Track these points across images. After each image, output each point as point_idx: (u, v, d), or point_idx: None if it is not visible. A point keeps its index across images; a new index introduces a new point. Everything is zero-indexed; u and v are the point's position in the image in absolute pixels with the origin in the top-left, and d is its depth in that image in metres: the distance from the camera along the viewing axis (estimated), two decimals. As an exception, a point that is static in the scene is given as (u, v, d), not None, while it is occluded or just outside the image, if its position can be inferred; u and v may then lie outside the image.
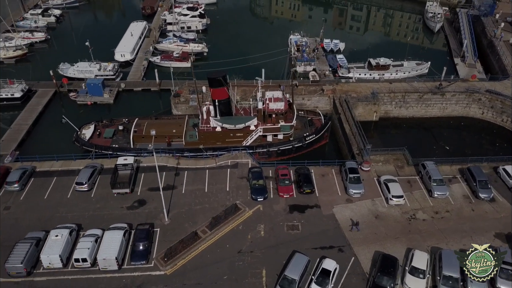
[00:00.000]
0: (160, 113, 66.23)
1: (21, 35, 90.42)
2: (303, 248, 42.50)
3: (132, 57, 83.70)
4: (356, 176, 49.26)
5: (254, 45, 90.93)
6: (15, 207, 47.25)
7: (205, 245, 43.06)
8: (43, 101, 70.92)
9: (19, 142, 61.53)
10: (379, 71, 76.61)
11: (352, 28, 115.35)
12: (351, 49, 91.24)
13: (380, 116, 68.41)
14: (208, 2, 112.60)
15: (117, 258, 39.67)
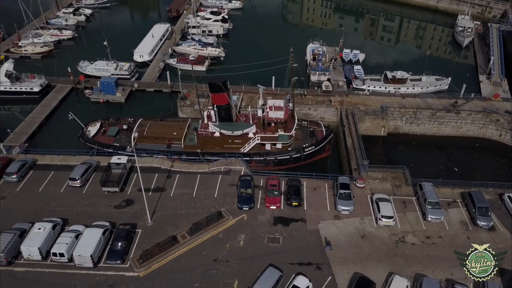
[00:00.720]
0: (166, 115, 66.93)
1: (50, 32, 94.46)
2: (280, 262, 41.49)
3: (150, 58, 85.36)
4: (346, 193, 47.64)
5: (274, 51, 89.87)
6: (10, 198, 49.13)
7: (182, 250, 42.94)
8: (59, 96, 73.60)
9: (30, 135, 64.01)
10: (395, 84, 73.97)
11: (383, 39, 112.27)
12: (372, 61, 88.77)
13: (389, 131, 65.98)
14: (233, 7, 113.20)
15: (92, 255, 40.26)
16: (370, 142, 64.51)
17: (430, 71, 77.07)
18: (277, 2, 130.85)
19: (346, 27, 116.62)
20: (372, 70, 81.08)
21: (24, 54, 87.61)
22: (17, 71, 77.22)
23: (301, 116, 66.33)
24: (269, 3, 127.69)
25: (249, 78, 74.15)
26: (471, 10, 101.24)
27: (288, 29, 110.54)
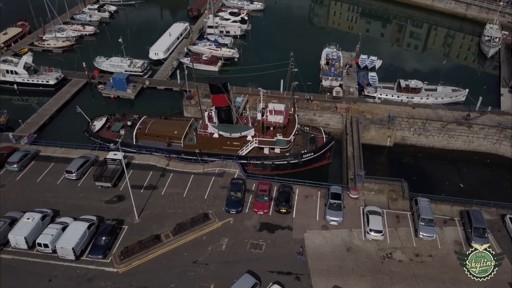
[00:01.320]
0: (171, 114, 67.39)
1: (73, 28, 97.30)
2: (259, 270, 40.92)
3: (165, 57, 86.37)
4: (336, 203, 46.40)
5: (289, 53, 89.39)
6: (10, 186, 50.82)
7: (164, 250, 43.06)
8: (73, 90, 75.63)
9: (40, 126, 65.92)
10: (408, 93, 71.53)
11: (410, 46, 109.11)
12: (389, 68, 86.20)
13: (396, 142, 63.82)
14: (254, 8, 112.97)
15: (74, 248, 41.00)
16: (375, 152, 62.80)
17: (448, 81, 74.03)
18: (304, 4, 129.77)
19: (373, 32, 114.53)
20: (388, 77, 78.70)
21: (46, 48, 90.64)
22: (39, 64, 79.98)
23: (305, 122, 65.41)
24: (295, 5, 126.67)
25: (260, 81, 73.56)
26: (501, 19, 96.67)
27: (313, 32, 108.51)
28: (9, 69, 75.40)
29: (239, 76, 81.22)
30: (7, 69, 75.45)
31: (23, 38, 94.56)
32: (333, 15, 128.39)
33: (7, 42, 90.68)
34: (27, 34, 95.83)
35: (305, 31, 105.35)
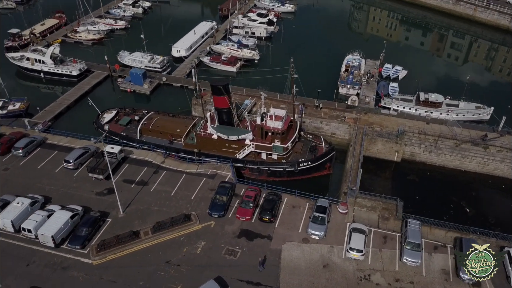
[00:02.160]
0: (180, 112, 67.85)
1: (107, 22, 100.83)
2: (229, 277, 40.29)
3: (187, 54, 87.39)
4: (321, 216, 44.75)
5: (314, 59, 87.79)
6: (13, 170, 53.32)
7: (140, 246, 43.42)
8: (93, 81, 78.31)
9: (56, 115, 68.74)
10: (427, 107, 67.83)
11: (450, 56, 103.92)
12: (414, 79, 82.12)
13: (404, 157, 60.73)
14: (285, 10, 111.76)
15: (53, 236, 42.26)
16: (380, 166, 60.15)
17: (476, 97, 69.51)
18: (343, 9, 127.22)
19: (412, 40, 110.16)
20: (411, 89, 75.02)
21: (78, 40, 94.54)
22: (69, 55, 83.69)
23: (311, 129, 63.80)
24: (333, 9, 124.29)
25: (275, 84, 72.68)
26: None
27: (349, 37, 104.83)
28: (37, 58, 79.22)
29: (255, 78, 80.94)
30: (35, 58, 79.31)
31: (59, 29, 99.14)
32: (372, 21, 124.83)
33: (43, 33, 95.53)
34: (63, 26, 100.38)
35: (341, 36, 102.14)
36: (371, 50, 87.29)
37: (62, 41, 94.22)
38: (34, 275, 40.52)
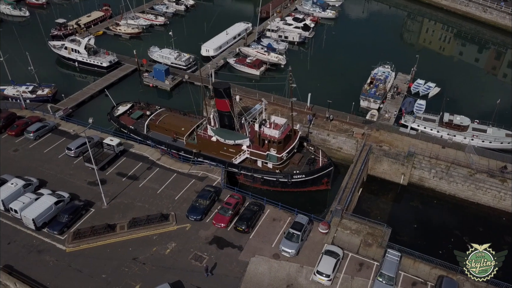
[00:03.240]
0: (192, 111, 68.26)
1: (147, 17, 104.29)
2: (188, 283, 39.91)
3: (215, 54, 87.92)
4: (295, 234, 42.88)
5: (344, 68, 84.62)
6: (21, 152, 56.62)
7: (113, 240, 44.21)
8: (120, 74, 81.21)
9: (79, 103, 72.10)
10: (451, 130, 62.80)
11: (506, 77, 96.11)
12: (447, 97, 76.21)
13: (412, 181, 56.64)
14: (326, 16, 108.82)
15: (34, 219, 44.20)
16: (384, 187, 56.70)
17: (508, 123, 63.48)
18: (395, 18, 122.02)
19: (466, 56, 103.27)
20: (439, 109, 69.71)
21: (117, 33, 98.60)
22: (106, 46, 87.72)
23: (318, 141, 61.57)
24: (383, 18, 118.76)
25: (295, 91, 71.18)
26: None
27: (399, 48, 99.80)
28: (73, 48, 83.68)
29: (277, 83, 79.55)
30: (72, 48, 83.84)
31: (103, 21, 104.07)
32: (426, 32, 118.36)
33: (88, 24, 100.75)
34: (107, 19, 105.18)
35: (378, 45, 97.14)
36: (419, 64, 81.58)
37: (103, 33, 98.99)
38: (11, 254, 42.66)
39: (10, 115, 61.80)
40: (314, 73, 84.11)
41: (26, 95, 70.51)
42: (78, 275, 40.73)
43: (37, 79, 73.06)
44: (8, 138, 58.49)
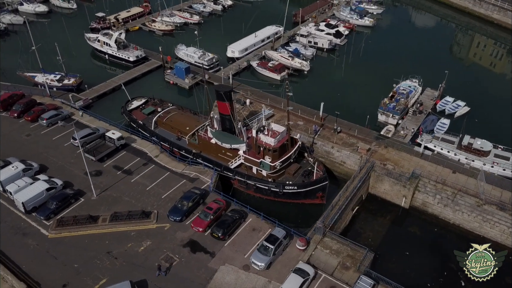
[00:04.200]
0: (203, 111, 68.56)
1: (183, 15, 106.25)
2: (153, 283, 39.94)
3: (240, 56, 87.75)
4: (268, 247, 41.53)
5: (372, 79, 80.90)
6: (32, 137, 59.58)
7: (93, 231, 45.23)
8: (145, 69, 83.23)
9: (100, 94, 74.78)
10: (469, 154, 58.13)
11: None
12: (477, 118, 70.81)
13: (414, 205, 53.05)
14: (363, 24, 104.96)
15: (24, 203, 46.26)
16: (384, 208, 53.66)
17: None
18: (444, 30, 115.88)
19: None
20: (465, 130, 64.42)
21: (152, 29, 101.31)
22: (138, 42, 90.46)
23: (321, 153, 59.45)
24: (429, 30, 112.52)
25: (310, 99, 69.49)
26: None
27: (438, 62, 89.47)
28: (105, 41, 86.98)
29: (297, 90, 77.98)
30: (104, 41, 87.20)
31: (141, 17, 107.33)
32: (476, 47, 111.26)
33: (126, 19, 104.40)
34: (146, 15, 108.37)
35: (415, 57, 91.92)
36: (453, 80, 76.30)
37: (139, 29, 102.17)
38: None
39: (30, 101, 65.29)
40: (337, 81, 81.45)
41: (53, 83, 74.19)
42: (53, 262, 42.07)
43: (64, 68, 76.62)
44: (24, 123, 61.79)
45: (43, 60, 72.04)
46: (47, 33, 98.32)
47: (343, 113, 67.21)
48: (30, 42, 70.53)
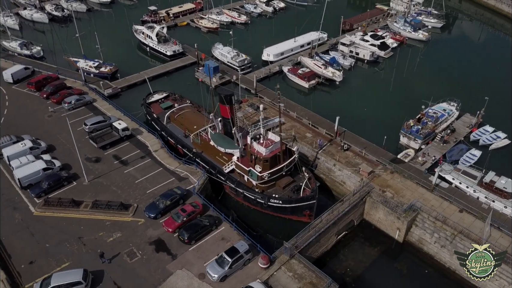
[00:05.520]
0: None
1: (231, 14, 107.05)
2: (108, 275, 40.65)
3: (274, 60, 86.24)
4: (225, 259, 40.20)
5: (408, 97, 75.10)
6: (53, 118, 63.56)
7: (72, 215, 46.97)
8: (178, 64, 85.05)
9: (131, 84, 77.85)
10: (489, 192, 51.84)
11: None
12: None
13: (409, 240, 48.35)
14: (416, 37, 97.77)
15: (20, 179, 49.46)
16: (376, 238, 49.75)
17: None
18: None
19: None
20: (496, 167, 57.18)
21: (198, 25, 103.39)
22: (183, 37, 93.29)
23: (323, 170, 56.65)
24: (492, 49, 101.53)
25: (332, 112, 65.88)
26: None
27: (499, 87, 79.67)
28: (148, 34, 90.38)
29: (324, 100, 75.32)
30: (147, 34, 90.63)
31: (192, 13, 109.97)
32: None
33: (177, 14, 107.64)
34: (197, 11, 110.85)
35: (472, 79, 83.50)
36: None
37: (187, 24, 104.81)
38: (-6, 204, 48.52)
39: (60, 84, 69.81)
40: (368, 96, 76.74)
41: (91, 70, 78.65)
42: (29, 238, 44.38)
43: (101, 56, 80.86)
44: (50, 104, 66.09)
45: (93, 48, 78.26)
46: (102, 23, 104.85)
47: (364, 130, 63.68)
48: (86, 29, 75.68)
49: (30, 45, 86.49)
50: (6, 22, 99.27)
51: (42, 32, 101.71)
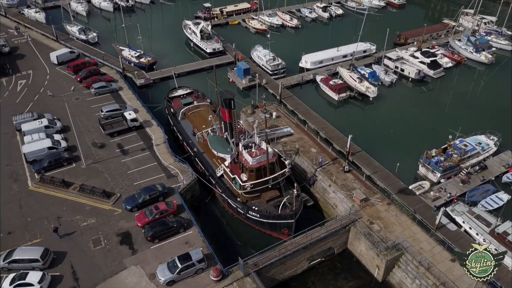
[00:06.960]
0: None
1: (283, 17, 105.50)
2: (69, 258, 42.05)
3: (311, 67, 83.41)
4: (175, 264, 39.55)
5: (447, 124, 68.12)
6: (79, 101, 67.48)
7: (60, 195, 49.37)
8: (215, 62, 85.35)
9: (164, 77, 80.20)
10: (501, 244, 45.27)
11: None
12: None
13: (389, 281, 43.71)
14: (475, 58, 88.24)
15: (25, 154, 53.26)
16: (354, 272, 45.97)
17: None
18: None
19: None
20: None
21: (247, 26, 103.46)
22: (230, 36, 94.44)
23: (318, 189, 53.53)
24: None
25: (352, 129, 61.90)
26: None
27: None
28: (193, 30, 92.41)
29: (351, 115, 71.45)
30: (193, 30, 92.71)
31: (246, 13, 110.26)
32: None
33: (230, 13, 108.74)
34: (251, 11, 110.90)
35: None
36: None
37: (238, 23, 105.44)
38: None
39: (94, 70, 73.88)
40: (400, 116, 70.87)
41: (132, 59, 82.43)
42: (17, 210, 47.51)
43: (142, 47, 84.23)
44: (81, 88, 70.31)
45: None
46: (161, 15, 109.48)
47: (383, 153, 59.27)
48: (143, 21, 79.59)
49: (88, 30, 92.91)
50: (76, 8, 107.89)
51: (107, 20, 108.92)
